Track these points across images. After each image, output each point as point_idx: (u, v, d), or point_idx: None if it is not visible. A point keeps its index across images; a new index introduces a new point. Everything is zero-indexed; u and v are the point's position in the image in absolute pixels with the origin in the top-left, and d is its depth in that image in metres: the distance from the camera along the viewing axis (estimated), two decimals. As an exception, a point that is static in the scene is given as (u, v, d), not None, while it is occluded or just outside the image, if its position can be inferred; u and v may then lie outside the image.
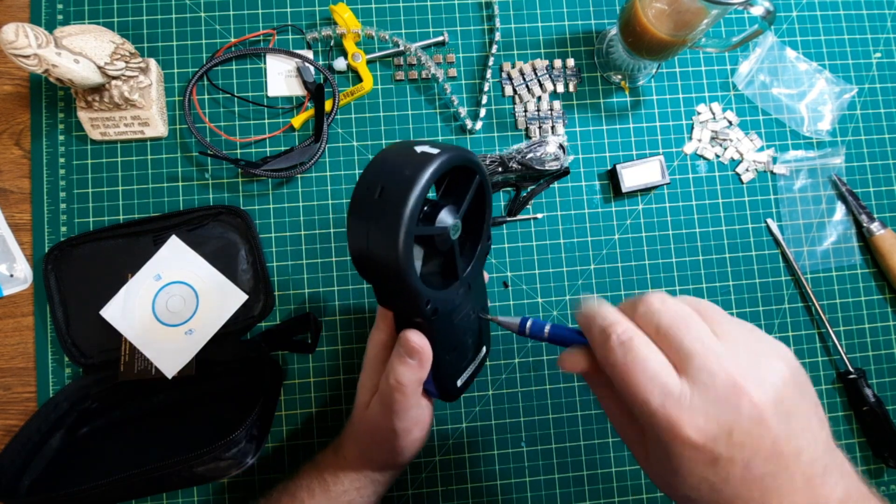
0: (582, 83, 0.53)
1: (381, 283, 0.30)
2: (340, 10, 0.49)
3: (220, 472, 0.38)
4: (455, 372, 0.36)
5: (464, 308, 0.34)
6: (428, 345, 0.32)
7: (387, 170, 0.28)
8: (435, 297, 0.30)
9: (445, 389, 0.36)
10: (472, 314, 0.36)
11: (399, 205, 0.26)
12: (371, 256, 0.27)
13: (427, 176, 0.26)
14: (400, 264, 0.26)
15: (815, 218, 0.53)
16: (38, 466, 0.43)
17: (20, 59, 0.39)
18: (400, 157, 0.28)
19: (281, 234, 0.50)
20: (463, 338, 0.36)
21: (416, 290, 0.28)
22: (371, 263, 0.28)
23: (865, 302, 0.53)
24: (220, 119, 0.51)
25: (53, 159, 0.50)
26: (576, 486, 0.49)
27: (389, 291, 0.31)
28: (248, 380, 0.47)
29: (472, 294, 0.35)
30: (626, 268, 0.52)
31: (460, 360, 0.36)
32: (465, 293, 0.34)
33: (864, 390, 0.50)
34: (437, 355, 0.33)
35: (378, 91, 0.52)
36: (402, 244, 0.26)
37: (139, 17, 0.51)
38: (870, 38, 0.56)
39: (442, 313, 0.32)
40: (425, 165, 0.27)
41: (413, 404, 0.34)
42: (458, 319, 0.34)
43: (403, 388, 0.33)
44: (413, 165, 0.27)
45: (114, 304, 0.46)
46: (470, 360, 0.37)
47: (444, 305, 0.32)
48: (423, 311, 0.30)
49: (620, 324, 0.25)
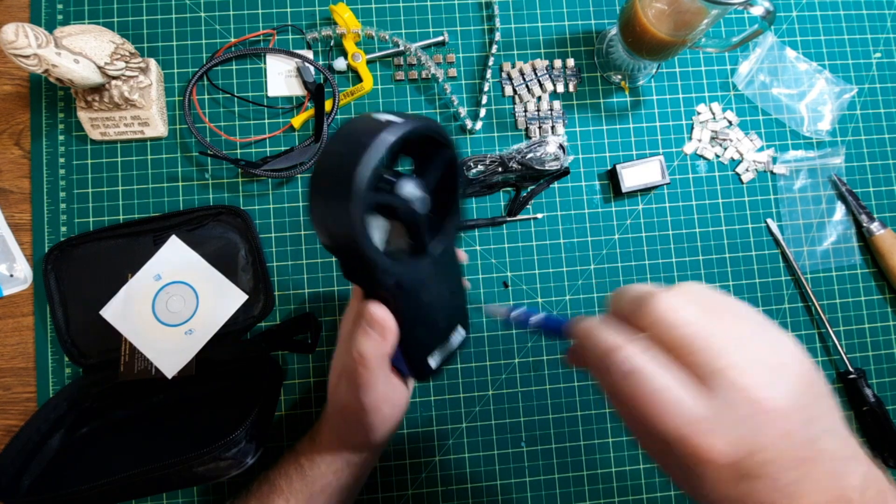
0: (582, 83, 0.53)
1: (340, 254, 0.29)
2: (340, 10, 0.49)
3: (220, 472, 0.38)
4: (425, 350, 0.35)
5: (434, 285, 0.34)
6: (391, 318, 0.31)
7: (346, 138, 0.27)
8: (396, 269, 0.30)
9: (416, 368, 0.35)
10: (445, 293, 0.35)
11: (352, 170, 0.25)
12: (328, 225, 0.27)
13: (382, 142, 0.26)
14: (355, 232, 0.26)
15: (815, 218, 0.53)
16: (38, 466, 0.43)
17: (20, 59, 0.39)
18: (361, 125, 0.28)
19: (281, 234, 0.50)
20: (433, 315, 0.35)
21: (373, 261, 0.28)
22: (329, 232, 0.28)
23: (865, 302, 0.53)
24: (220, 119, 0.51)
25: (53, 159, 0.50)
26: (576, 486, 0.49)
27: (350, 262, 0.30)
28: (248, 380, 0.46)
29: (444, 271, 0.34)
30: (626, 268, 0.52)
31: (430, 339, 0.35)
32: (435, 270, 0.33)
33: (864, 390, 0.50)
34: (404, 331, 0.32)
35: (378, 91, 0.52)
36: (355, 210, 0.25)
37: (139, 17, 0.51)
38: (870, 38, 0.56)
39: (407, 288, 0.31)
40: (382, 132, 0.26)
41: (379, 379, 0.33)
42: (428, 296, 0.33)
43: (366, 361, 0.32)
44: (370, 133, 0.26)
45: (114, 304, 0.46)
46: (442, 339, 0.36)
47: (408, 280, 0.31)
48: (383, 284, 0.29)
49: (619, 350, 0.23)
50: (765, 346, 0.23)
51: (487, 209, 0.51)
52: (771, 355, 0.23)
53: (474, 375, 0.50)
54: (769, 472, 0.22)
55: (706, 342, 0.22)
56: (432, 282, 0.33)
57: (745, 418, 0.21)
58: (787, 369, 0.22)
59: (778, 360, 0.23)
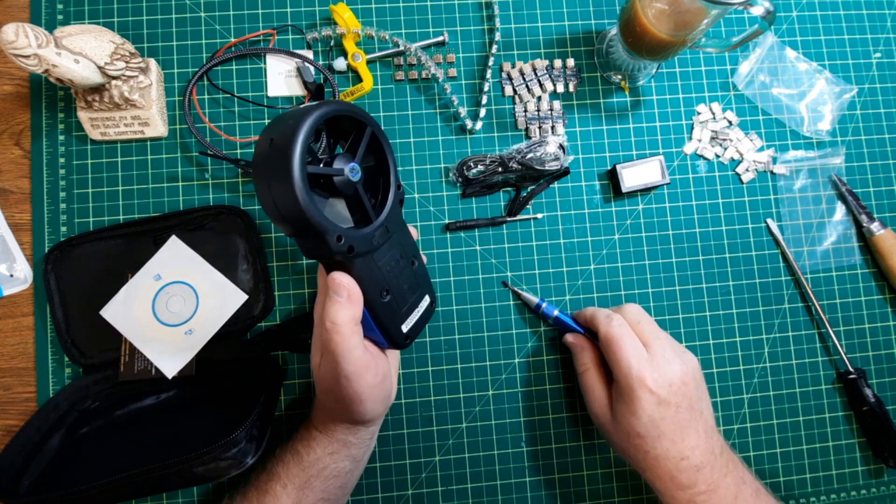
0: (582, 83, 0.53)
1: (292, 229, 0.32)
2: (340, 10, 0.49)
3: (220, 472, 0.38)
4: (395, 317, 0.38)
5: (388, 252, 0.37)
6: (353, 281, 0.34)
7: (274, 126, 0.31)
8: (345, 233, 0.32)
9: (390, 336, 0.38)
10: (399, 260, 0.38)
11: (287, 146, 0.29)
12: (276, 202, 0.30)
13: (308, 119, 0.30)
14: (300, 200, 0.29)
15: (815, 218, 0.53)
16: (38, 466, 0.43)
17: (20, 59, 0.39)
18: (286, 114, 0.32)
19: (281, 233, 0.50)
20: (395, 281, 0.37)
21: (321, 226, 0.31)
22: (278, 210, 0.31)
23: (865, 302, 0.53)
24: (220, 119, 0.51)
25: (53, 159, 0.50)
26: (576, 486, 0.49)
27: (302, 236, 0.32)
28: (248, 380, 0.46)
29: (396, 240, 0.38)
30: (626, 268, 0.52)
31: (398, 306, 0.38)
32: (385, 236, 0.36)
33: (864, 390, 0.50)
34: (369, 299, 0.35)
35: (378, 91, 0.52)
36: (297, 179, 0.29)
37: (139, 17, 0.51)
38: (870, 38, 0.56)
39: (360, 252, 0.34)
40: (306, 113, 0.31)
41: (354, 345, 0.35)
42: (385, 263, 0.36)
43: (338, 327, 0.34)
44: (295, 116, 0.31)
45: (114, 304, 0.46)
46: (411, 305, 0.39)
47: (360, 244, 0.34)
48: (335, 247, 0.32)
49: (617, 316, 0.43)
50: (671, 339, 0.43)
51: (487, 209, 0.51)
52: (676, 344, 0.43)
53: (474, 375, 0.50)
54: (675, 402, 0.39)
55: (651, 325, 0.43)
56: (385, 249, 0.37)
57: (666, 365, 0.40)
58: (688, 354, 0.43)
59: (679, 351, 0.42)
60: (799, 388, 0.52)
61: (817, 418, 0.51)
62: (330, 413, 0.40)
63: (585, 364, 0.45)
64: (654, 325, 0.43)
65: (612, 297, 0.51)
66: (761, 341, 0.52)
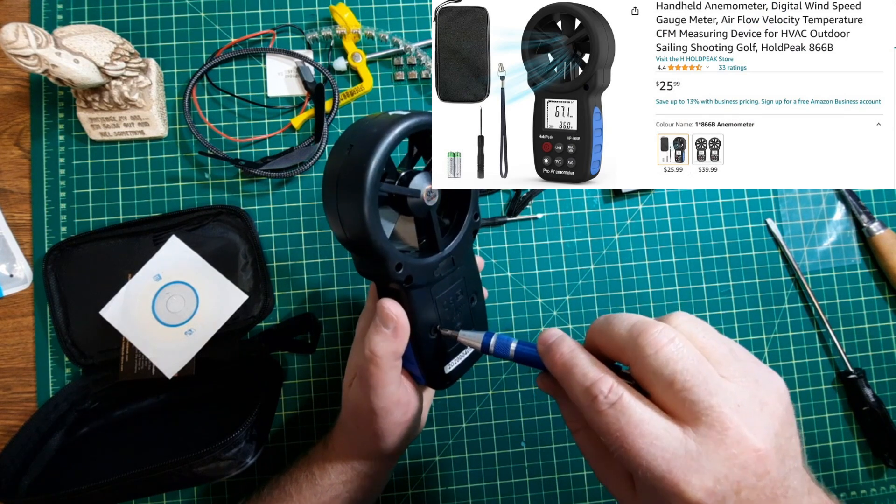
0: (582, 83, 0.53)
1: (352, 245, 0.30)
2: (340, 10, 0.49)
3: (220, 472, 0.38)
4: (440, 355, 0.35)
5: (447, 285, 0.34)
6: (403, 314, 0.31)
7: (357, 132, 0.29)
8: (407, 261, 0.30)
9: (431, 374, 0.35)
10: (459, 295, 0.35)
11: (363, 159, 0.27)
12: (340, 214, 0.28)
13: (392, 132, 0.28)
14: (365, 218, 0.27)
15: (815, 218, 0.53)
16: (38, 466, 0.43)
17: (20, 59, 0.39)
18: (371, 120, 0.29)
19: (281, 234, 0.50)
20: (448, 318, 0.34)
21: (383, 251, 0.29)
22: (341, 222, 0.29)
23: (865, 302, 0.53)
24: (220, 119, 0.51)
25: (53, 159, 0.50)
26: (576, 486, 0.49)
27: (361, 253, 0.31)
28: (248, 380, 0.47)
29: (459, 273, 0.34)
30: (626, 268, 0.52)
31: (446, 344, 0.35)
32: (449, 269, 0.33)
33: (864, 390, 0.50)
34: (417, 333, 0.32)
35: (378, 91, 0.52)
36: (366, 197, 0.27)
37: (139, 17, 0.51)
38: (870, 38, 0.56)
39: (419, 283, 0.31)
40: (393, 124, 0.28)
41: (390, 380, 0.33)
42: (441, 296, 0.33)
43: (378, 359, 0.32)
44: (381, 125, 0.28)
45: (114, 304, 0.46)
46: (459, 346, 0.36)
47: (419, 275, 0.31)
48: (393, 275, 0.30)
49: (604, 380, 0.24)
50: (752, 384, 0.23)
51: (487, 209, 0.51)
52: (758, 394, 0.23)
53: (474, 375, 0.50)
54: None
55: (701, 378, 0.22)
56: (446, 282, 0.33)
57: (730, 456, 0.21)
58: (771, 409, 0.23)
59: (764, 398, 0.23)
60: (799, 387, 0.52)
61: (817, 418, 0.51)
62: (349, 437, 0.39)
63: (574, 425, 0.29)
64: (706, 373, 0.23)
65: (612, 297, 0.51)
66: (761, 341, 0.52)
